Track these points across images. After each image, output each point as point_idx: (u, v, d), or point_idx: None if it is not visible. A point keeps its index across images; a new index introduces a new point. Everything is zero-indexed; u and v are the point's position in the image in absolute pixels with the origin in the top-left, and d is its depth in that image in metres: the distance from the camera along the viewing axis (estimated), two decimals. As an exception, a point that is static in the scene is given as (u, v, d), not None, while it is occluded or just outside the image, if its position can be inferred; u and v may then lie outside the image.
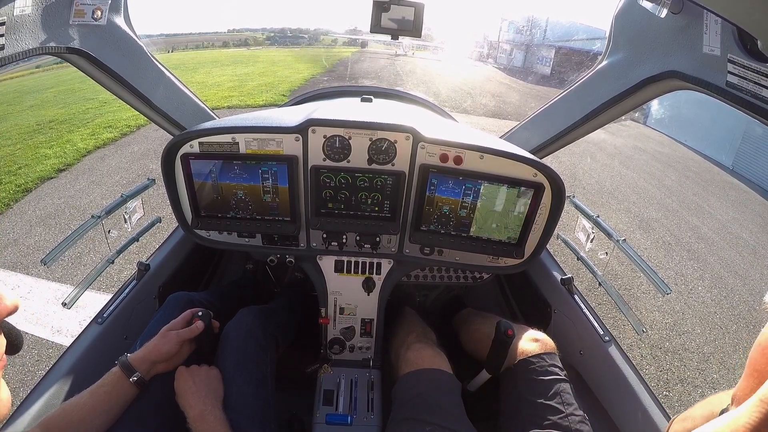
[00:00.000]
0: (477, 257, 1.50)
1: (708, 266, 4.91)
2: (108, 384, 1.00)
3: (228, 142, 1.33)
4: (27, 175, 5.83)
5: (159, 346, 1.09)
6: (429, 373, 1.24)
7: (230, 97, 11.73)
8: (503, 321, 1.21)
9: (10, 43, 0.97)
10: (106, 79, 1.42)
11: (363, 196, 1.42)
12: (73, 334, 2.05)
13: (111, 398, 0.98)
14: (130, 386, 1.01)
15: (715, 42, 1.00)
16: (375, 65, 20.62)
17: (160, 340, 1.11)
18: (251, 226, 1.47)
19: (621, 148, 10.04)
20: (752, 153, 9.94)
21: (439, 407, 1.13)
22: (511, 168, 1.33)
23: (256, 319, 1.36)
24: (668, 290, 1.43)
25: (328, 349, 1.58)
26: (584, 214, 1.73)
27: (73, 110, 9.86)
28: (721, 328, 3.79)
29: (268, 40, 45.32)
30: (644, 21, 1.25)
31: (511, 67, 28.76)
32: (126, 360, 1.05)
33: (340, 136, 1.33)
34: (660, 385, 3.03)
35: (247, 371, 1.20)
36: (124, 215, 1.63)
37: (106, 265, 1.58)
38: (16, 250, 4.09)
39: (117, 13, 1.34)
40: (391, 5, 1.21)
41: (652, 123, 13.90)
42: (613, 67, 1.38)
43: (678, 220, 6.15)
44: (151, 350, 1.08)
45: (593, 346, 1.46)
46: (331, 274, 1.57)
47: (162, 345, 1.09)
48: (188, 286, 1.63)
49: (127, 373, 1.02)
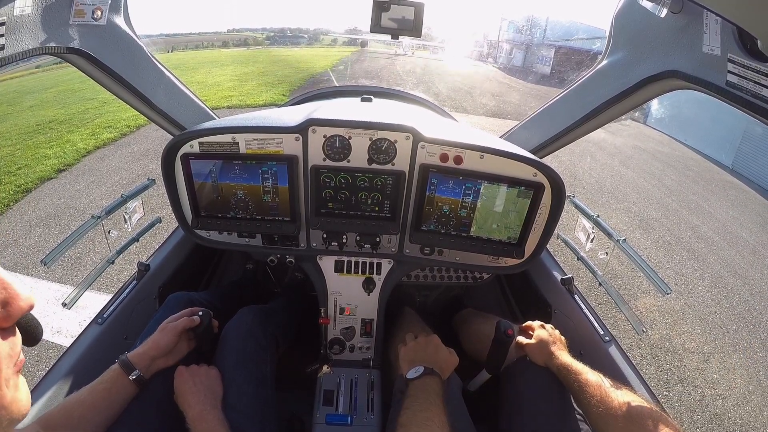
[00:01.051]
0: (477, 257, 1.50)
1: (708, 266, 4.91)
2: (107, 381, 1.00)
3: (228, 142, 1.33)
4: (27, 176, 5.83)
5: (157, 340, 1.10)
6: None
7: (230, 96, 11.73)
8: (503, 321, 1.20)
9: (10, 43, 0.97)
10: (106, 79, 1.42)
11: (363, 196, 1.42)
12: (73, 334, 2.05)
13: (110, 395, 0.98)
14: (129, 384, 1.01)
15: (715, 42, 1.00)
16: (375, 65, 20.63)
17: (159, 334, 1.11)
18: (251, 226, 1.47)
19: (621, 147, 10.04)
20: (752, 153, 9.94)
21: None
22: (511, 168, 1.33)
23: (255, 319, 1.36)
24: (668, 290, 1.43)
25: (328, 349, 1.58)
26: (584, 213, 1.73)
27: (73, 110, 9.86)
28: (721, 328, 3.79)
29: (268, 40, 45.33)
30: (644, 20, 1.25)
31: (511, 66, 28.75)
32: (125, 358, 1.05)
33: (340, 135, 1.33)
34: (660, 385, 3.03)
35: (246, 371, 1.20)
36: (124, 215, 1.63)
37: (106, 265, 1.58)
38: (16, 250, 4.09)
39: (117, 13, 1.34)
40: (391, 5, 1.21)
41: (652, 122, 13.90)
42: (613, 66, 1.38)
43: (678, 219, 6.15)
44: (150, 345, 1.08)
45: (593, 346, 1.46)
46: (331, 274, 1.57)
47: (161, 339, 1.10)
48: (188, 286, 1.63)
49: (126, 370, 1.02)
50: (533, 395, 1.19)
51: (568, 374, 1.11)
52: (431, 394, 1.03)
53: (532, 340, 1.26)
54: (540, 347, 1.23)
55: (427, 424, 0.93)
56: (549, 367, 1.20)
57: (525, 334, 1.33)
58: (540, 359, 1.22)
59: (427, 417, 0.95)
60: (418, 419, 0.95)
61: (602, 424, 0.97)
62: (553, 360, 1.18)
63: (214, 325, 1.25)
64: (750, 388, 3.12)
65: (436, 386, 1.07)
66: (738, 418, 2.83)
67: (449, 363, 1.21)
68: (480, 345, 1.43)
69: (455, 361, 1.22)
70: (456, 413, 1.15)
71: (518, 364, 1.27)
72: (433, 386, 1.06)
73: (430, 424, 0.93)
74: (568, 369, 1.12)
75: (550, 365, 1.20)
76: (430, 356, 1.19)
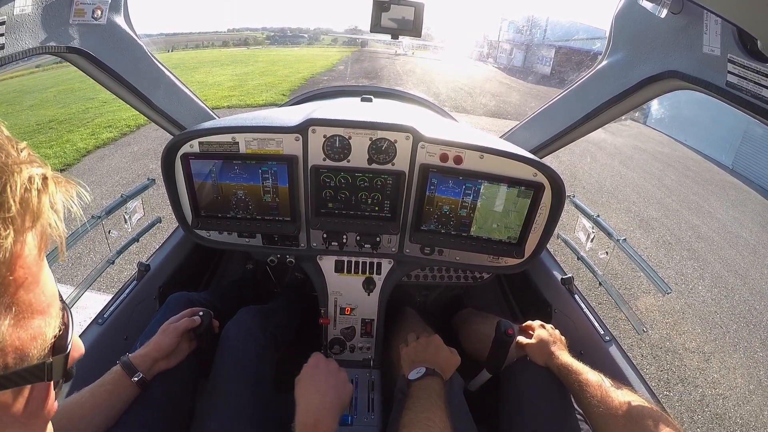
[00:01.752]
0: (477, 257, 1.50)
1: (708, 266, 4.91)
2: (109, 383, 1.00)
3: (228, 142, 1.33)
4: (27, 175, 5.83)
5: (159, 341, 1.09)
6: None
7: (230, 96, 11.73)
8: (503, 321, 1.20)
9: (10, 43, 0.97)
10: (106, 79, 1.42)
11: (363, 196, 1.42)
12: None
13: (112, 397, 0.98)
14: (131, 386, 1.01)
15: (715, 42, 1.00)
16: (375, 65, 20.63)
17: (160, 335, 1.11)
18: (251, 226, 1.47)
19: (621, 147, 10.04)
20: (752, 153, 9.94)
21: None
22: (511, 168, 1.33)
23: (255, 319, 1.36)
24: (668, 290, 1.43)
25: (329, 350, 1.58)
26: (584, 213, 1.73)
27: (73, 110, 9.86)
28: (721, 327, 3.79)
29: (268, 40, 45.35)
30: (644, 21, 1.25)
31: (511, 66, 28.77)
32: (127, 359, 1.04)
33: (340, 135, 1.33)
34: (660, 385, 3.03)
35: (246, 371, 1.20)
36: (124, 215, 1.63)
37: (106, 265, 1.58)
38: (16, 250, 4.09)
39: (117, 12, 1.34)
40: (391, 5, 1.21)
41: (652, 123, 13.91)
42: (613, 66, 1.38)
43: (678, 219, 6.16)
44: (152, 347, 1.08)
45: (594, 345, 1.46)
46: (331, 274, 1.57)
47: (162, 340, 1.09)
48: (188, 286, 1.63)
49: (129, 372, 1.02)
50: (533, 395, 1.19)
51: (569, 374, 1.11)
52: (432, 395, 1.03)
53: (533, 340, 1.26)
54: (540, 347, 1.23)
55: (428, 424, 0.94)
56: (549, 367, 1.20)
57: (525, 333, 1.33)
58: (540, 359, 1.22)
59: (428, 417, 0.96)
60: (419, 420, 0.96)
61: (602, 424, 0.97)
62: (554, 360, 1.18)
63: (215, 325, 1.25)
64: (750, 387, 3.12)
65: (438, 387, 1.07)
66: (738, 418, 2.83)
67: (451, 363, 1.21)
68: (480, 345, 1.43)
69: (457, 361, 1.22)
70: (458, 413, 1.15)
71: (518, 364, 1.27)
72: (435, 387, 1.07)
73: (431, 424, 0.94)
74: (568, 369, 1.12)
75: (550, 365, 1.20)
76: (432, 357, 1.19)
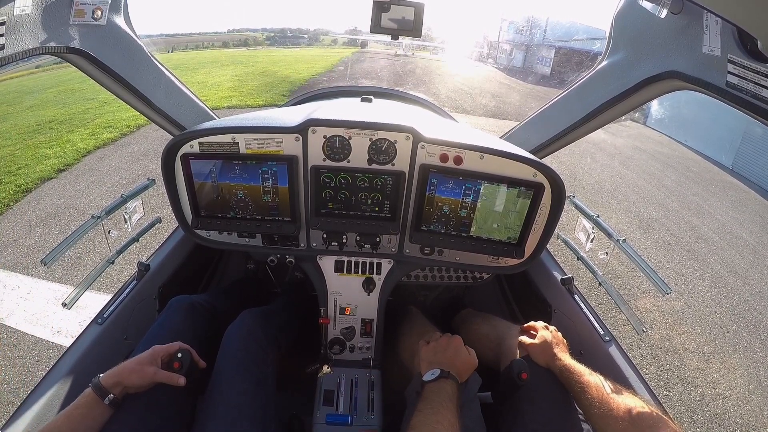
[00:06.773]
0: (477, 257, 1.50)
1: (708, 266, 4.91)
2: (83, 406, 0.98)
3: (228, 142, 1.33)
4: (27, 176, 5.83)
5: (132, 377, 1.04)
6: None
7: (230, 97, 11.73)
8: (518, 361, 1.16)
9: (10, 43, 0.97)
10: (106, 79, 1.42)
11: (363, 196, 1.42)
12: (73, 334, 2.05)
13: (87, 420, 0.96)
14: (105, 408, 0.99)
15: (715, 42, 1.00)
16: (375, 65, 20.63)
17: (133, 374, 1.05)
18: (251, 226, 1.47)
19: (621, 148, 10.04)
20: (752, 153, 9.93)
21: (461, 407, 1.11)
22: (511, 168, 1.33)
23: (256, 321, 1.36)
24: (668, 290, 1.43)
25: (329, 349, 1.58)
26: (584, 214, 1.73)
27: (73, 110, 9.86)
28: (721, 327, 3.79)
29: (268, 41, 45.37)
30: (644, 21, 1.25)
31: (511, 67, 28.76)
32: (98, 382, 1.01)
33: (340, 136, 1.33)
34: (660, 384, 3.03)
35: (248, 372, 1.20)
36: (124, 215, 1.63)
37: (106, 265, 1.58)
38: (16, 250, 4.09)
39: (117, 12, 1.34)
40: (391, 5, 1.21)
41: (652, 123, 13.90)
42: (613, 67, 1.38)
43: (678, 219, 6.15)
44: (126, 377, 1.04)
45: (594, 345, 1.46)
46: (331, 274, 1.57)
47: (135, 378, 1.04)
48: (188, 287, 1.63)
49: (100, 394, 0.99)
50: (535, 395, 1.19)
51: (570, 376, 1.11)
52: (444, 398, 1.03)
53: (536, 341, 1.26)
54: (543, 348, 1.23)
55: (436, 427, 0.94)
56: (550, 368, 1.20)
57: (528, 334, 1.33)
58: (542, 360, 1.22)
59: (437, 420, 0.96)
60: (428, 422, 0.96)
61: (603, 425, 0.97)
62: (555, 361, 1.18)
63: (197, 361, 1.16)
64: (750, 387, 3.12)
65: (450, 390, 1.07)
66: (738, 418, 2.83)
67: (468, 365, 1.20)
68: (480, 345, 1.42)
69: (474, 363, 1.21)
70: (471, 415, 1.15)
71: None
72: (447, 390, 1.06)
73: (438, 427, 0.94)
74: (569, 371, 1.12)
75: (551, 366, 1.20)
76: (450, 359, 1.18)
